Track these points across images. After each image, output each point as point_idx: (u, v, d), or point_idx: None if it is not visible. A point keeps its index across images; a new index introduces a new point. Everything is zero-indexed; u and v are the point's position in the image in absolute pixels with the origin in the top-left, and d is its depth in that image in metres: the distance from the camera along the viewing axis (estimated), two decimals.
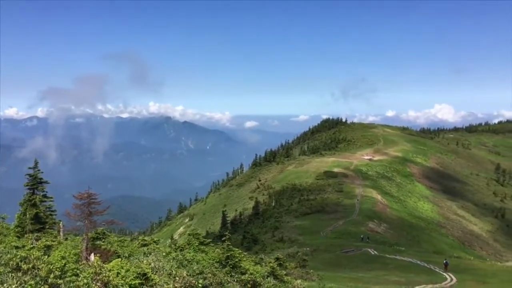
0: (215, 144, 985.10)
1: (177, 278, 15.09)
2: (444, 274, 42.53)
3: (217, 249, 22.53)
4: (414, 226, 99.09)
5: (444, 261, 47.22)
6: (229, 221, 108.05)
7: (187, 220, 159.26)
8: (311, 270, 33.62)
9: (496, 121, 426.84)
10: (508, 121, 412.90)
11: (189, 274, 15.86)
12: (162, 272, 15.78)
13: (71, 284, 12.72)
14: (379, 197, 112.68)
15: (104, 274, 12.93)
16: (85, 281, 12.76)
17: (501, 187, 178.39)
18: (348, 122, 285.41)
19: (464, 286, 35.56)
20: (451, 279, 39.79)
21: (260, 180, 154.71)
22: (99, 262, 13.35)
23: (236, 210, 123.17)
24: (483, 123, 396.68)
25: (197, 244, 26.03)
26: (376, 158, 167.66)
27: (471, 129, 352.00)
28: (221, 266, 19.06)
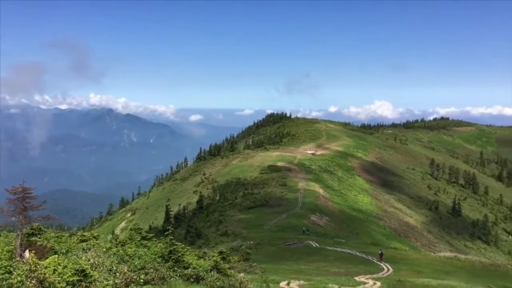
0: (158, 137, 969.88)
1: (117, 274, 14.76)
2: (381, 264, 44.28)
3: (159, 244, 22.22)
4: (354, 219, 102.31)
5: (380, 252, 49.58)
6: (172, 216, 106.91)
7: (129, 214, 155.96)
8: (255, 263, 33.90)
9: (431, 118, 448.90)
10: (442, 118, 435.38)
11: (130, 269, 15.56)
12: (102, 268, 15.37)
13: (4, 282, 12.13)
14: (321, 190, 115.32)
15: (39, 271, 12.41)
16: (19, 278, 12.21)
17: (435, 180, 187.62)
18: (292, 117, 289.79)
19: (400, 276, 37.11)
20: (388, 269, 41.47)
21: (204, 174, 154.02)
22: (34, 259, 12.80)
23: (180, 205, 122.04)
24: (419, 120, 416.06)
25: (139, 239, 25.57)
26: (319, 152, 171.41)
27: (408, 125, 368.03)
28: (163, 261, 18.82)
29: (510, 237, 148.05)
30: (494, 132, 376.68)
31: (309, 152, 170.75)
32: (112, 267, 15.50)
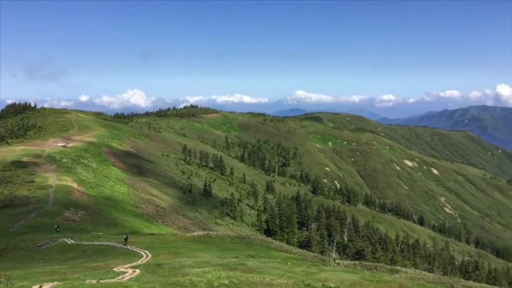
0: None
1: None
2: (140, 251, 44.99)
3: None
4: (111, 210, 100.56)
5: (125, 236, 51.71)
6: None
7: None
8: None
9: (182, 106, 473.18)
10: (191, 106, 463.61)
11: None
12: None
13: None
14: (75, 184, 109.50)
15: None
16: None
17: (188, 165, 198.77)
18: (39, 107, 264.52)
19: (158, 260, 38.48)
20: (147, 255, 42.46)
21: None
22: None
23: None
24: (171, 108, 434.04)
25: None
26: (71, 144, 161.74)
27: (161, 114, 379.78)
28: None
29: (252, 211, 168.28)
30: (236, 118, 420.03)
31: (59, 144, 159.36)
32: None
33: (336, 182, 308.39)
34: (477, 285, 37.61)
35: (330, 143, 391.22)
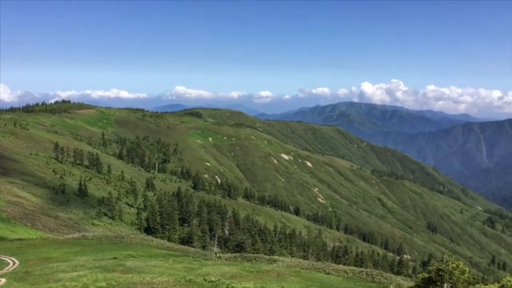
0: None
1: None
2: (6, 259, 41.52)
3: None
4: None
5: None
6: None
7: None
8: None
9: (52, 101, 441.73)
10: (63, 101, 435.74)
11: None
12: None
13: None
14: None
15: None
16: None
17: (61, 164, 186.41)
18: None
19: (27, 267, 35.88)
20: (14, 263, 39.34)
21: None
22: None
23: None
24: (40, 103, 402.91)
25: None
26: None
27: (28, 109, 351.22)
28: None
29: (132, 209, 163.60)
30: (113, 114, 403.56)
31: None
32: None
33: (217, 177, 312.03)
34: (346, 268, 41.10)
35: (210, 139, 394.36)
